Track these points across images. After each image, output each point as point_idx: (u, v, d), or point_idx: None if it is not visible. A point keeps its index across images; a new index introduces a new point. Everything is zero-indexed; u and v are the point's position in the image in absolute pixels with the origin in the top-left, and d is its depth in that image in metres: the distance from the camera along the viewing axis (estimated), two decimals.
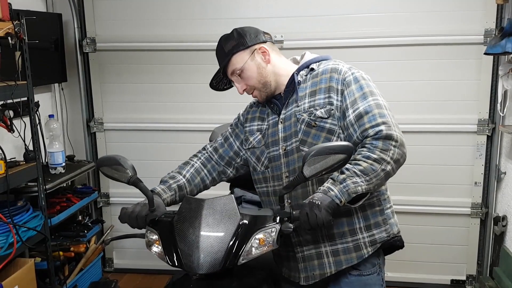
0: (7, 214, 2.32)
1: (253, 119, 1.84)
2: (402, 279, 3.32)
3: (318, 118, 1.64)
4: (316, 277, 1.71)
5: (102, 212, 3.67)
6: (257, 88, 1.72)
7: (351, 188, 1.48)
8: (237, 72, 1.70)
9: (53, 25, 3.28)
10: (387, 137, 1.53)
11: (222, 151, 1.89)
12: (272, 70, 1.72)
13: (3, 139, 2.63)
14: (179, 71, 3.38)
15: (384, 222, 1.71)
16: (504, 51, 2.57)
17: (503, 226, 2.95)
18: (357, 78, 1.64)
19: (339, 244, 1.68)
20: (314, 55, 1.79)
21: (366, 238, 1.68)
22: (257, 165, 1.78)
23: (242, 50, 1.69)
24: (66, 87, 3.51)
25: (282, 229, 1.45)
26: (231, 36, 1.71)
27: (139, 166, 1.68)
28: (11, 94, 2.30)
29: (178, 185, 1.77)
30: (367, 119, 1.57)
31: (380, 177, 1.53)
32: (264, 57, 1.71)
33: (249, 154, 1.82)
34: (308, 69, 1.73)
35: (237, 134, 1.89)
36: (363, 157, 1.52)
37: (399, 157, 1.55)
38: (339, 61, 1.72)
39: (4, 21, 2.25)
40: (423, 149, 3.21)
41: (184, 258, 1.40)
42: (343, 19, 3.14)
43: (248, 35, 1.71)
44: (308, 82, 1.71)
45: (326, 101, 1.64)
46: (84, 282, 3.18)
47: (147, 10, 3.34)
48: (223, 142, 1.90)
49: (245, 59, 1.69)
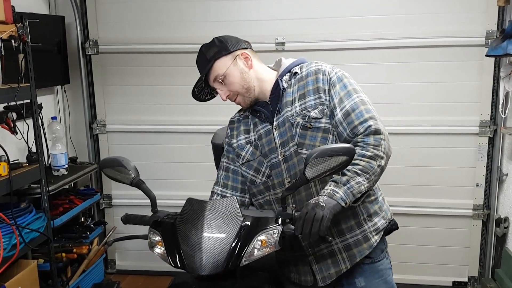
0: (10, 216, 2.33)
1: (239, 134, 1.82)
2: (404, 280, 3.32)
3: (313, 119, 1.65)
4: (332, 275, 1.72)
5: (105, 214, 3.68)
6: (241, 93, 1.72)
7: (355, 189, 1.51)
8: (220, 78, 1.70)
9: (56, 28, 3.30)
10: (376, 132, 1.58)
11: (232, 181, 1.82)
12: (255, 75, 1.72)
13: (7, 141, 2.64)
14: (181, 73, 3.38)
15: (380, 209, 1.76)
16: (505, 53, 2.57)
17: (505, 228, 2.94)
18: (340, 77, 1.68)
19: (350, 238, 1.70)
20: (290, 59, 1.80)
21: (371, 228, 1.72)
22: (256, 177, 1.76)
23: (224, 55, 1.69)
24: (68, 89, 3.53)
25: (284, 230, 1.46)
26: (212, 44, 1.72)
27: (141, 168, 1.69)
28: (14, 96, 2.31)
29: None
30: (354, 116, 1.61)
31: (377, 173, 1.57)
32: (247, 63, 1.71)
33: (245, 169, 1.79)
34: (291, 73, 1.74)
35: (233, 159, 1.83)
36: (359, 156, 1.54)
37: (388, 150, 1.60)
38: (321, 62, 1.74)
39: (8, 23, 2.26)
40: (425, 151, 3.22)
41: (187, 259, 1.41)
42: (344, 21, 3.15)
43: (230, 41, 1.72)
44: (294, 86, 1.72)
45: (317, 102, 1.67)
46: (86, 284, 3.19)
47: (149, 13, 3.35)
48: (226, 174, 1.83)
49: (228, 64, 1.69)
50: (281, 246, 1.47)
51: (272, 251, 1.45)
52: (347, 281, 1.76)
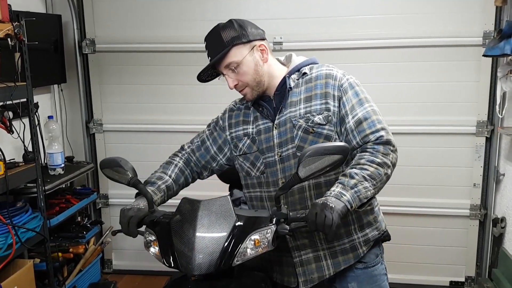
0: (6, 215, 2.32)
1: (237, 124, 1.79)
2: (400, 280, 3.32)
3: (316, 124, 1.63)
4: (314, 280, 1.71)
5: (101, 213, 3.67)
6: (250, 85, 1.66)
7: (362, 194, 1.48)
8: (233, 66, 1.63)
9: (52, 27, 3.29)
10: (387, 142, 1.58)
11: (199, 154, 1.85)
12: (267, 70, 1.67)
13: (3, 140, 2.63)
14: (178, 72, 3.38)
15: (375, 220, 1.74)
16: (502, 53, 2.58)
17: (502, 228, 2.95)
18: (352, 84, 1.65)
19: (337, 246, 1.69)
20: (301, 57, 1.76)
21: (360, 238, 1.70)
22: (252, 170, 1.75)
23: (243, 43, 1.62)
24: (65, 88, 3.52)
25: (278, 230, 1.45)
26: (230, 26, 1.63)
27: (138, 167, 1.69)
28: (10, 95, 2.30)
29: (166, 185, 1.75)
30: (366, 125, 1.59)
31: (384, 181, 1.55)
32: (263, 55, 1.66)
33: (242, 160, 1.77)
34: (300, 73, 1.70)
35: (215, 138, 1.83)
36: (368, 161, 1.53)
37: (395, 161, 1.60)
38: (332, 66, 1.71)
39: (4, 22, 2.26)
40: (422, 151, 3.22)
41: (180, 258, 1.41)
42: (342, 21, 3.15)
43: (250, 28, 1.64)
44: (301, 87, 1.68)
45: (323, 107, 1.64)
46: (83, 283, 3.18)
47: (146, 12, 3.34)
48: (199, 145, 1.86)
49: (244, 53, 1.62)
50: (275, 246, 1.46)
51: (266, 251, 1.44)
52: (340, 284, 1.75)
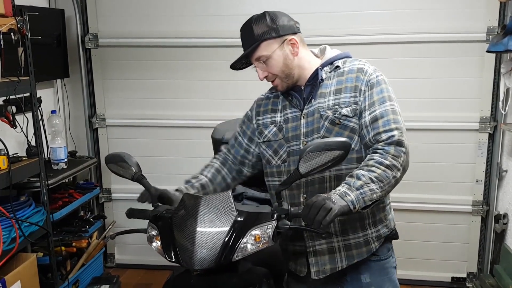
0: (9, 209, 2.33)
1: (266, 112, 1.81)
2: (402, 276, 3.30)
3: (343, 116, 1.64)
4: (326, 271, 1.73)
5: (104, 208, 3.68)
6: (280, 77, 1.69)
7: (367, 196, 1.49)
8: (263, 59, 1.66)
9: (55, 21, 3.29)
10: (398, 143, 1.56)
11: (234, 151, 1.88)
12: (297, 63, 1.69)
13: (6, 134, 2.64)
14: (181, 67, 3.38)
15: (385, 218, 1.76)
16: (506, 49, 2.57)
17: (504, 224, 2.95)
18: (380, 81, 1.66)
19: (352, 239, 1.71)
20: (335, 50, 1.78)
21: (373, 233, 1.72)
22: (273, 158, 1.76)
23: (273, 38, 1.65)
24: (68, 83, 3.52)
25: (279, 225, 1.45)
26: (262, 20, 1.66)
27: (141, 162, 1.69)
28: (13, 89, 2.31)
29: (201, 183, 1.80)
30: (381, 123, 1.59)
31: (392, 184, 1.54)
32: (293, 49, 1.68)
33: (265, 147, 1.79)
34: (333, 65, 1.72)
35: (244, 131, 1.87)
36: (376, 163, 1.53)
37: (406, 165, 1.58)
38: (365, 61, 1.72)
39: (7, 17, 2.26)
40: (425, 147, 3.21)
41: (181, 253, 1.41)
42: (345, 16, 3.14)
43: (282, 23, 1.67)
44: (333, 80, 1.69)
45: (351, 100, 1.65)
46: (86, 277, 3.20)
47: (149, 6, 3.34)
48: (233, 142, 1.90)
49: (274, 48, 1.65)
50: (276, 241, 1.46)
51: (266, 246, 1.45)
52: (352, 276, 1.76)
